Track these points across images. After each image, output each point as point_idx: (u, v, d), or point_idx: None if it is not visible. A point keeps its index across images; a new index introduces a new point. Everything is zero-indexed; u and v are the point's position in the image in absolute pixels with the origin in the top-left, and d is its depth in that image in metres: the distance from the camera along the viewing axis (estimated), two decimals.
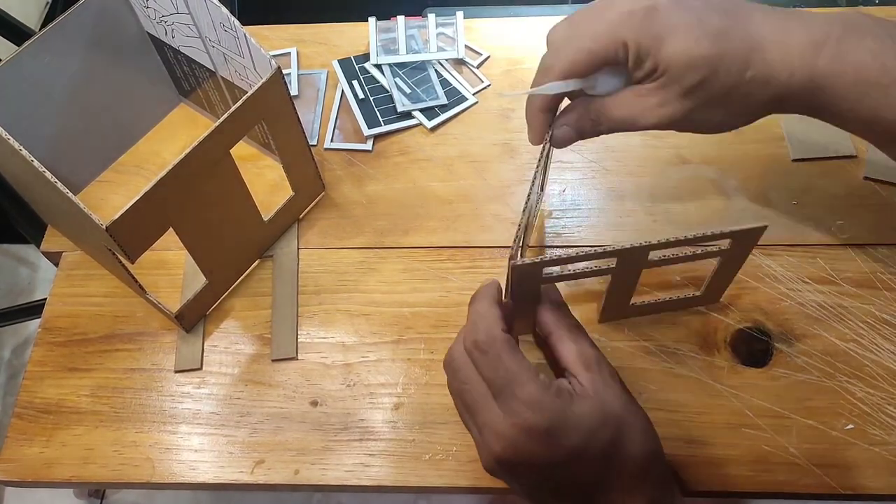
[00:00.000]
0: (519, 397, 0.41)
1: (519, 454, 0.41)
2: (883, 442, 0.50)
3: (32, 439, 0.55)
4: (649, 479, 0.43)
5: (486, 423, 0.42)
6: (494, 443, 0.41)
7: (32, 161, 0.47)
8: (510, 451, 0.41)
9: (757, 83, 0.44)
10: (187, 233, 0.53)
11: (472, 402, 0.43)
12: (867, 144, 0.63)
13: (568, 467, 0.41)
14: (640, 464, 0.42)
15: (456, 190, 0.64)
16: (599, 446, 0.41)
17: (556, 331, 0.46)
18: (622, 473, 0.42)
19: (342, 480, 0.52)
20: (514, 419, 0.41)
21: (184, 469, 0.53)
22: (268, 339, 0.58)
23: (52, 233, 0.65)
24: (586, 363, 0.44)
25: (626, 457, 0.42)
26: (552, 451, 0.41)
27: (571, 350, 0.45)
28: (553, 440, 0.41)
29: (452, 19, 0.74)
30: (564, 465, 0.41)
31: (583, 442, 0.41)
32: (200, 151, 0.49)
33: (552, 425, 0.40)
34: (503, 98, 0.69)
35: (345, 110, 0.70)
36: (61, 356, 0.58)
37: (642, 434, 0.43)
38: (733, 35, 0.44)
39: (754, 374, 0.54)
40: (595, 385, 0.43)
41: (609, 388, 0.43)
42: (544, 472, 0.42)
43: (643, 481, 0.42)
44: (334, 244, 0.62)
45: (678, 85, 0.45)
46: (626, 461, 0.42)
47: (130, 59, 0.64)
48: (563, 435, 0.41)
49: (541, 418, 0.40)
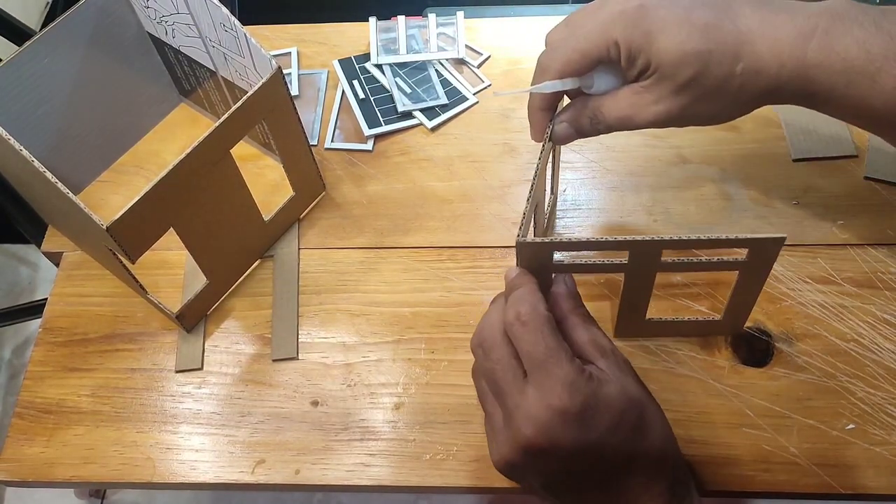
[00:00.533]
0: (556, 376, 0.40)
1: (551, 438, 0.40)
2: (883, 442, 0.50)
3: (33, 439, 0.55)
4: (669, 463, 0.43)
5: (518, 406, 0.41)
6: (526, 426, 0.40)
7: (32, 161, 0.47)
8: (542, 435, 0.40)
9: (748, 75, 0.45)
10: (188, 233, 0.53)
11: (504, 382, 0.42)
12: (868, 144, 0.63)
13: (595, 452, 0.41)
14: (660, 447, 0.42)
15: (456, 190, 0.64)
16: (625, 430, 0.41)
17: (571, 317, 0.45)
18: (645, 458, 0.42)
19: (343, 480, 0.52)
20: (550, 400, 0.40)
21: (184, 469, 0.53)
22: (268, 339, 0.58)
23: (53, 233, 0.65)
24: (602, 350, 0.44)
25: (648, 441, 0.42)
26: (583, 434, 0.40)
27: (585, 337, 0.44)
28: (585, 423, 0.40)
29: (453, 19, 0.74)
30: (594, 449, 0.41)
31: (611, 426, 0.41)
32: (200, 151, 0.49)
33: (585, 408, 0.40)
34: (501, 97, 0.69)
35: (345, 110, 0.70)
36: (62, 356, 0.58)
37: (661, 420, 0.43)
38: (723, 29, 0.45)
39: (755, 373, 0.54)
40: (613, 370, 0.43)
41: (626, 374, 0.43)
42: (571, 458, 0.41)
43: (664, 465, 0.42)
44: (335, 244, 0.62)
45: (671, 81, 0.45)
46: (649, 445, 0.42)
47: (130, 59, 0.64)
48: (595, 418, 0.40)
49: (576, 401, 0.40)
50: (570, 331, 0.45)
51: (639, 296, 0.51)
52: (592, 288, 0.58)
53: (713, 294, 0.57)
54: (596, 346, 0.44)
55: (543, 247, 0.44)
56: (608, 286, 0.58)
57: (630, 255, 0.46)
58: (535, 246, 0.44)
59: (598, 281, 0.58)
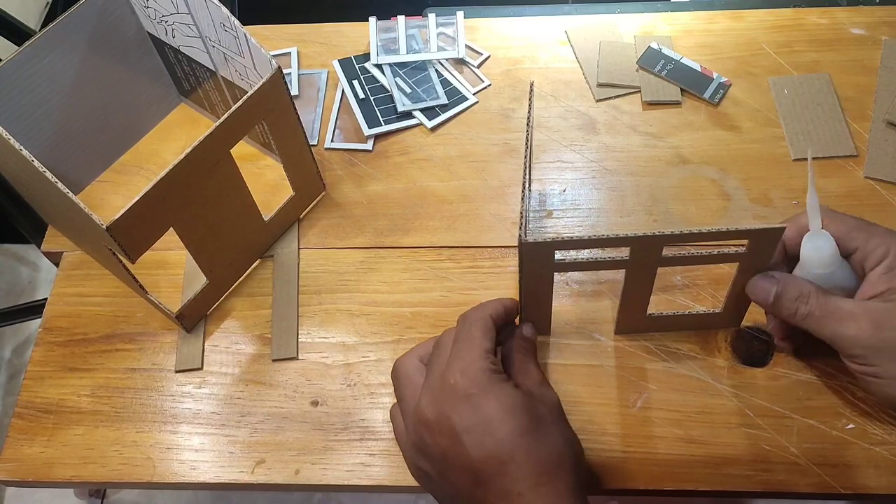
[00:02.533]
0: (461, 358, 0.45)
1: (439, 411, 0.43)
2: (883, 441, 0.50)
3: (33, 439, 0.55)
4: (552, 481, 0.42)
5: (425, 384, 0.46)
6: (424, 398, 0.45)
7: (33, 161, 0.47)
8: (432, 407, 0.44)
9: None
10: (188, 233, 0.53)
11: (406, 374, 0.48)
12: (868, 144, 0.63)
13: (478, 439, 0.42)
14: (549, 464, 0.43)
15: (456, 190, 0.64)
16: (511, 427, 0.42)
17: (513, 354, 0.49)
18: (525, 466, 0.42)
19: (342, 480, 0.52)
20: (448, 375, 0.44)
21: (184, 469, 0.53)
22: (268, 339, 0.58)
23: (53, 233, 0.65)
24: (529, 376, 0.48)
25: (536, 452, 0.43)
26: (467, 414, 0.43)
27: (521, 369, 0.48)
28: (471, 404, 0.43)
29: (453, 19, 0.74)
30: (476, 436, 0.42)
31: (497, 416, 0.43)
32: (200, 151, 0.49)
33: (476, 391, 0.43)
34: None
35: (345, 110, 0.70)
36: (62, 356, 0.58)
37: (562, 440, 0.44)
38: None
39: (754, 373, 0.54)
40: (529, 388, 0.46)
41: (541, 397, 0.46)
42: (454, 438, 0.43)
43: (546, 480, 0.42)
44: (335, 244, 0.62)
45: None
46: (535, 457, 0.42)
47: (130, 59, 0.64)
48: (483, 405, 0.43)
49: (469, 381, 0.44)
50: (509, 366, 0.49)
51: (640, 291, 0.51)
52: (592, 286, 0.58)
53: (714, 294, 0.57)
54: (526, 375, 0.48)
55: (546, 246, 0.45)
56: (609, 287, 0.58)
57: (631, 251, 0.47)
58: (539, 245, 0.45)
59: (599, 281, 0.58)
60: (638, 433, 0.52)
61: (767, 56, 0.70)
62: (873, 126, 0.64)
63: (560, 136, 0.66)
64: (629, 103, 0.68)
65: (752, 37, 0.71)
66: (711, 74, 0.68)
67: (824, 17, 0.72)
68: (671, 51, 0.70)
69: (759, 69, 0.69)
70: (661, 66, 0.69)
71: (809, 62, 0.69)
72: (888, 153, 0.62)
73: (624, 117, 0.67)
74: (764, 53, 0.70)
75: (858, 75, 0.67)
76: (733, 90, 0.68)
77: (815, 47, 0.70)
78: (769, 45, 0.70)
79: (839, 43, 0.70)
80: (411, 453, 0.46)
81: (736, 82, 0.68)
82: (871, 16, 0.71)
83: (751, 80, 0.68)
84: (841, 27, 0.71)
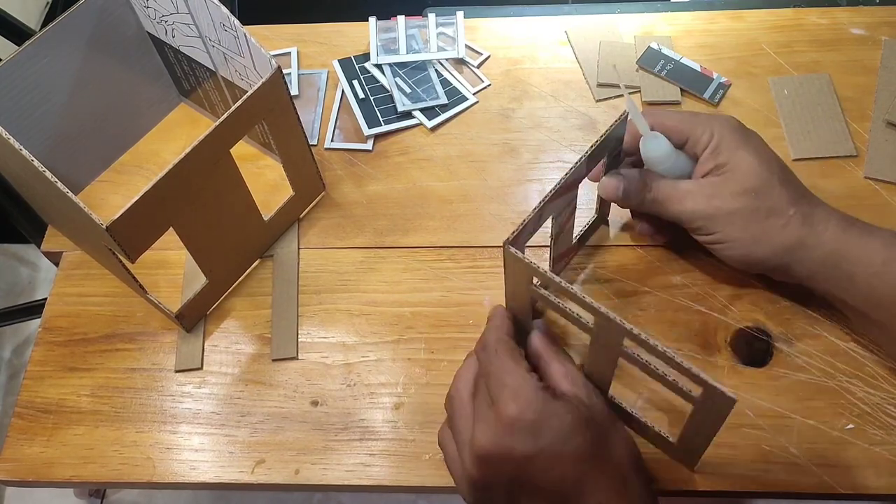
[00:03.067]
0: (506, 386, 0.44)
1: (499, 445, 0.43)
2: (883, 442, 0.50)
3: (33, 439, 0.55)
4: (628, 489, 0.43)
5: (478, 421, 0.44)
6: (482, 435, 0.43)
7: (32, 161, 0.47)
8: (495, 443, 0.43)
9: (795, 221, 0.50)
10: (187, 232, 0.53)
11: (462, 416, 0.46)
12: (868, 144, 0.63)
13: (546, 464, 0.42)
14: (619, 471, 0.43)
15: (456, 190, 0.64)
16: (576, 445, 0.42)
17: (546, 354, 0.48)
18: (601, 479, 0.42)
19: (342, 480, 0.52)
20: (500, 407, 0.43)
21: (184, 469, 0.53)
22: (268, 339, 0.58)
23: (53, 233, 0.65)
24: (573, 380, 0.46)
25: (606, 463, 0.43)
26: (530, 442, 0.42)
27: (559, 370, 0.47)
28: (531, 431, 0.42)
29: (453, 19, 0.74)
30: (543, 461, 0.42)
31: (561, 439, 0.42)
32: (200, 151, 0.49)
33: (532, 415, 0.42)
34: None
35: (345, 110, 0.70)
36: (62, 356, 0.58)
37: (624, 445, 0.44)
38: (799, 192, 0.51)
39: (754, 373, 0.54)
40: (578, 395, 0.45)
41: (591, 399, 0.45)
42: (522, 466, 0.42)
43: (623, 489, 0.43)
44: (335, 244, 0.62)
45: (735, 183, 0.50)
46: (606, 467, 0.43)
47: (130, 59, 0.64)
48: (544, 429, 0.42)
49: (522, 407, 0.42)
50: (546, 367, 0.48)
51: (601, 369, 0.47)
52: (592, 287, 0.58)
53: (713, 294, 0.57)
54: (568, 377, 0.46)
55: (523, 265, 0.45)
56: (609, 287, 0.58)
57: (595, 324, 0.44)
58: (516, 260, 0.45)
59: (599, 280, 0.58)
60: (638, 433, 0.52)
61: (767, 56, 0.70)
62: (873, 126, 0.64)
63: (560, 137, 0.66)
64: None
65: (752, 37, 0.71)
66: (711, 74, 0.68)
67: (824, 18, 0.72)
68: (671, 51, 0.70)
69: (759, 69, 0.69)
70: (660, 66, 0.69)
71: (809, 62, 0.69)
72: (888, 153, 0.62)
73: None
74: (764, 53, 0.70)
75: (858, 75, 0.67)
76: (733, 90, 0.68)
77: (815, 47, 0.70)
78: (769, 46, 0.70)
79: (839, 43, 0.70)
80: (468, 487, 0.45)
81: (736, 82, 0.68)
82: (871, 16, 0.71)
83: (751, 81, 0.68)
84: (841, 27, 0.71)
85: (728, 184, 0.51)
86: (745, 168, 0.50)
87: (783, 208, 0.50)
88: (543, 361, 0.48)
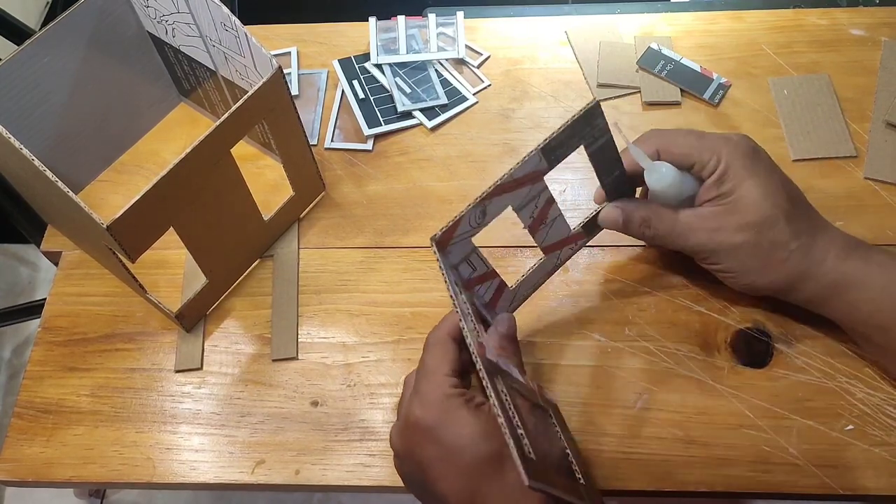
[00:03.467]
0: (419, 388, 0.45)
1: (404, 444, 0.44)
2: (883, 443, 0.50)
3: (33, 439, 0.55)
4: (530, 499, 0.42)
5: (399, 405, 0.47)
6: (394, 428, 0.46)
7: (33, 160, 0.47)
8: (399, 440, 0.45)
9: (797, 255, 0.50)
10: (187, 232, 0.53)
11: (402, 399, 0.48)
12: (868, 144, 0.63)
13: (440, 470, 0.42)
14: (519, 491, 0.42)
15: (456, 190, 0.64)
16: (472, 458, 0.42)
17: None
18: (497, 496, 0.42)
19: (342, 480, 0.52)
20: (411, 407, 0.44)
21: (184, 469, 0.53)
22: (268, 339, 0.58)
23: (53, 232, 0.65)
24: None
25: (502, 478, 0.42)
26: (428, 448, 0.43)
27: None
28: (432, 437, 0.43)
29: (453, 19, 0.74)
30: (437, 466, 0.42)
31: (457, 448, 0.42)
32: (201, 151, 0.49)
33: (434, 422, 0.43)
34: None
35: (345, 110, 0.70)
36: (61, 356, 0.58)
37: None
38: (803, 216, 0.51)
39: (754, 374, 0.54)
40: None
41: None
42: (421, 470, 0.43)
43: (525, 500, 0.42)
44: (335, 244, 0.62)
45: (739, 216, 0.50)
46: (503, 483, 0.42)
47: (130, 59, 0.64)
48: (441, 434, 0.43)
49: (427, 412, 0.44)
50: None
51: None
52: (593, 286, 0.58)
53: (713, 295, 0.57)
54: None
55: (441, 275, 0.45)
56: (609, 287, 0.58)
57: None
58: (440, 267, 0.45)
59: (599, 282, 0.58)
60: (638, 434, 0.52)
61: (767, 57, 0.70)
62: (873, 127, 0.64)
63: None
64: (629, 104, 0.68)
65: (752, 37, 0.71)
66: (711, 75, 0.68)
67: (824, 18, 0.72)
68: (671, 51, 0.70)
69: (759, 70, 0.69)
70: (660, 67, 0.69)
71: (809, 63, 0.69)
72: (888, 154, 0.62)
73: (624, 117, 0.67)
74: (764, 54, 0.70)
75: (858, 76, 0.67)
76: (733, 91, 0.68)
77: (814, 48, 0.70)
78: (769, 46, 0.70)
79: (839, 44, 0.70)
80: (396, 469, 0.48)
81: (736, 83, 0.68)
82: (870, 17, 0.71)
83: (751, 81, 0.68)
84: (841, 28, 0.71)
85: (731, 216, 0.50)
86: (749, 202, 0.49)
87: (786, 243, 0.50)
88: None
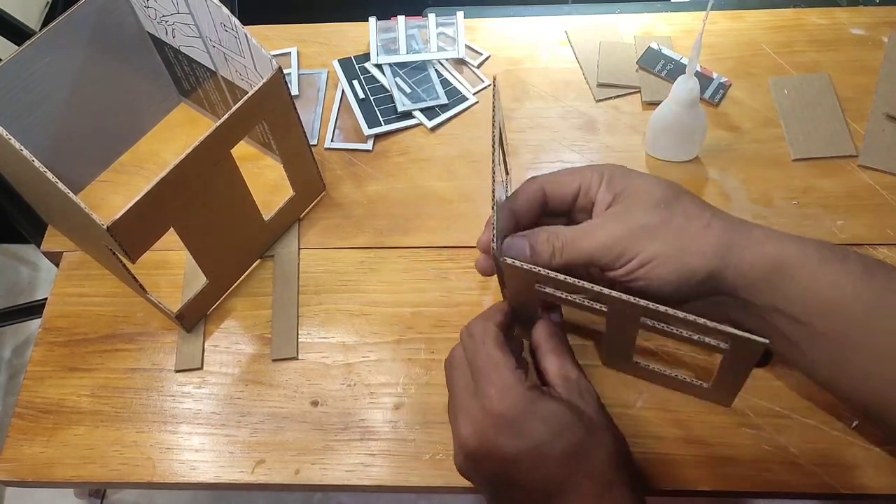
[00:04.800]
0: (493, 382, 0.43)
1: (483, 442, 0.43)
2: (883, 441, 0.50)
3: (33, 439, 0.55)
4: (612, 492, 0.43)
5: (460, 407, 0.44)
6: (463, 428, 0.44)
7: (33, 161, 0.47)
8: (476, 437, 0.43)
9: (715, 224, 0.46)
10: (188, 233, 0.53)
11: (454, 388, 0.46)
12: (864, 134, 0.63)
13: (531, 464, 0.42)
14: (604, 474, 0.43)
15: (456, 190, 0.64)
16: (563, 447, 0.42)
17: (544, 345, 0.48)
18: (584, 482, 0.42)
19: (342, 480, 0.52)
20: (485, 402, 0.43)
21: (184, 469, 0.53)
22: (268, 339, 0.58)
23: (53, 233, 0.65)
24: (565, 377, 0.46)
25: (591, 466, 0.42)
26: (515, 442, 0.42)
27: (554, 365, 0.47)
28: (517, 431, 0.42)
29: (453, 19, 0.74)
30: (527, 461, 0.42)
31: (546, 438, 0.42)
32: (201, 151, 0.49)
33: (519, 415, 0.42)
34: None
35: (345, 110, 0.70)
36: (62, 356, 0.58)
37: (612, 447, 0.44)
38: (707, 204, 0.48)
39: (754, 373, 0.54)
40: (569, 394, 0.45)
41: (583, 399, 0.45)
42: (506, 465, 0.43)
43: (607, 492, 0.42)
44: (335, 244, 0.62)
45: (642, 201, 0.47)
46: (591, 470, 0.42)
47: (130, 59, 0.64)
48: (528, 427, 0.42)
49: (509, 406, 0.42)
50: (541, 359, 0.48)
51: (621, 342, 0.49)
52: None
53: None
54: (561, 374, 0.46)
55: (523, 272, 0.45)
56: None
57: (609, 308, 0.45)
58: (516, 269, 0.45)
59: None
60: (638, 433, 0.52)
61: (767, 56, 0.70)
62: (871, 117, 0.64)
63: (560, 136, 0.67)
64: (629, 103, 0.68)
65: (752, 37, 0.71)
66: (711, 74, 0.68)
67: (824, 18, 0.72)
68: (671, 51, 0.70)
69: (759, 69, 0.69)
70: (661, 67, 0.69)
71: (809, 62, 0.69)
72: (884, 143, 0.62)
73: (624, 117, 0.67)
74: (764, 53, 0.70)
75: (858, 76, 0.67)
76: (733, 90, 0.68)
77: (815, 47, 0.70)
78: (769, 46, 0.70)
79: (839, 43, 0.70)
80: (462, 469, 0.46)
81: (736, 82, 0.68)
82: (871, 16, 0.71)
83: (751, 81, 0.68)
84: (841, 27, 0.71)
85: (634, 203, 0.47)
86: (645, 188, 0.48)
87: (697, 212, 0.47)
88: (540, 353, 0.48)
